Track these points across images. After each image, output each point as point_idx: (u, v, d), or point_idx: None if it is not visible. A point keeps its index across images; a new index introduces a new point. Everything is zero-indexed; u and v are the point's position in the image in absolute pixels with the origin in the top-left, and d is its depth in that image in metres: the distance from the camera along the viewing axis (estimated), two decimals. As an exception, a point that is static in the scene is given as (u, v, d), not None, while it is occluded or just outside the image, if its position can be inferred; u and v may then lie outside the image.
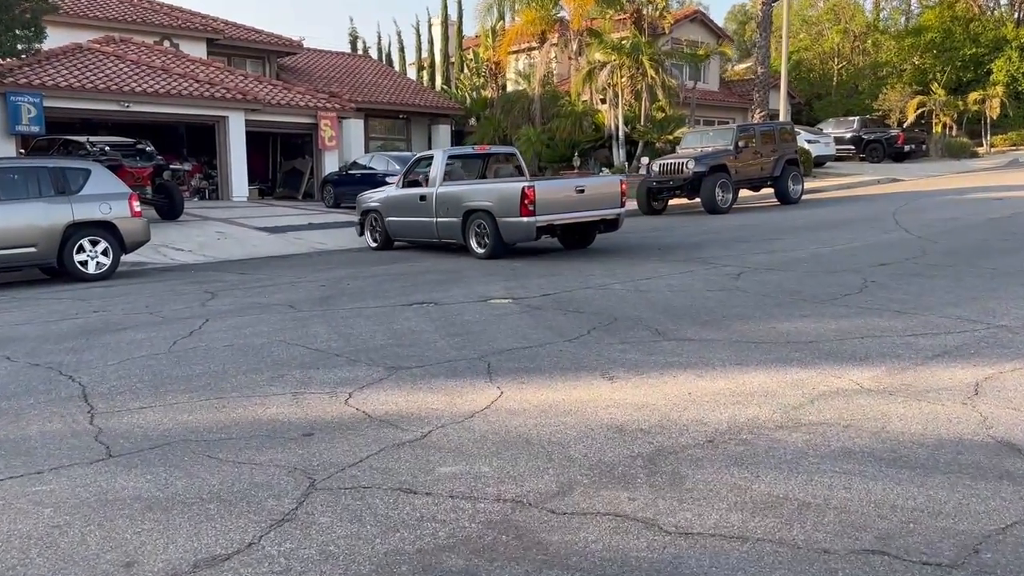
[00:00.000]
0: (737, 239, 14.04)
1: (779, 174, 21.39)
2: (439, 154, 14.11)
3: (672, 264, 11.20)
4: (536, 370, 5.83)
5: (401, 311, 8.41)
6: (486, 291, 9.48)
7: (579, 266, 11.46)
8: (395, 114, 33.09)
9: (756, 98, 32.81)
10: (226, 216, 19.83)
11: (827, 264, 10.58)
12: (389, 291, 9.85)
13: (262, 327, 7.78)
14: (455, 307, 8.51)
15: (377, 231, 15.36)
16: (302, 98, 26.47)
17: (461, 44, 42.11)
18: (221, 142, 24.32)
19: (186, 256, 15.10)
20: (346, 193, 22.30)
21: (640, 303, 8.33)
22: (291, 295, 9.85)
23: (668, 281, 9.70)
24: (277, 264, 13.89)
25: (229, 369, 6.18)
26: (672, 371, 5.68)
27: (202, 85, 23.92)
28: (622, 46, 29.21)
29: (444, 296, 9.25)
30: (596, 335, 6.91)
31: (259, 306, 9.09)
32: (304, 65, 34.28)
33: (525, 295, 9.07)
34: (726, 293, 8.73)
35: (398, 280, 10.87)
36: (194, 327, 7.92)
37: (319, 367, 6.14)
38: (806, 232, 14.48)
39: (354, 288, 10.25)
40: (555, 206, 12.48)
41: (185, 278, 12.19)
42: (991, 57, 45.25)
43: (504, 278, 10.55)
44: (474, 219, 12.99)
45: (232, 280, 11.67)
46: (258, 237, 17.21)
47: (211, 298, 9.86)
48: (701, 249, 12.85)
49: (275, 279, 11.59)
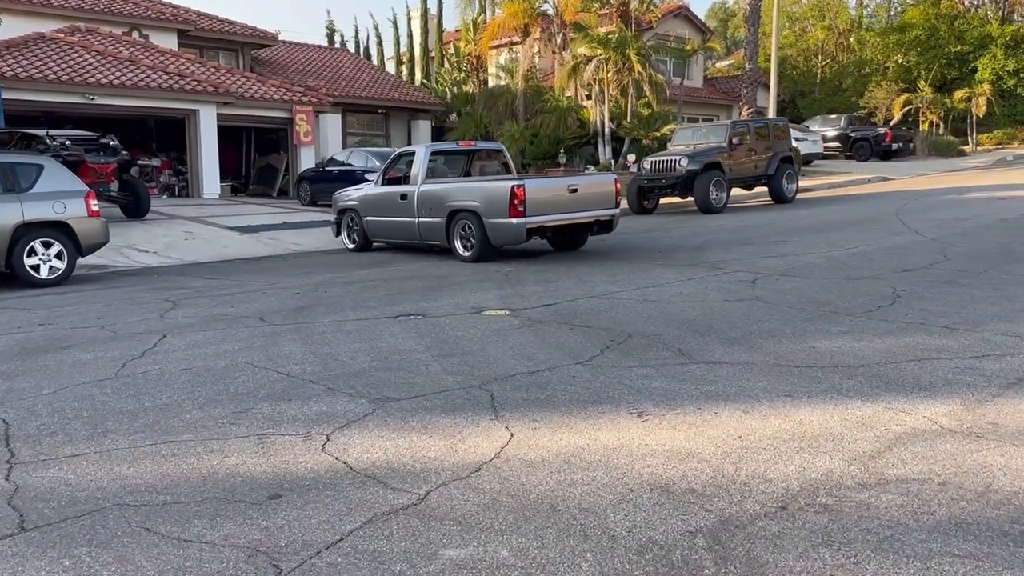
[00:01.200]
0: (739, 241, 13.21)
1: (773, 172, 20.61)
2: (421, 150, 13.17)
3: (678, 269, 10.34)
4: (549, 403, 4.93)
5: (385, 325, 7.48)
6: (479, 301, 8.57)
7: (577, 271, 10.57)
8: (374, 109, 32.09)
9: (744, 94, 32.06)
10: (195, 215, 18.78)
11: (846, 270, 9.76)
12: (371, 300, 8.91)
13: (226, 345, 6.83)
14: (446, 320, 7.59)
15: (355, 231, 14.39)
16: (277, 91, 25.41)
17: (441, 38, 41.09)
18: (191, 137, 23.21)
19: (150, 258, 14.07)
20: (323, 191, 21.27)
21: (653, 315, 7.45)
22: (262, 304, 8.89)
23: (678, 289, 8.83)
24: (248, 267, 12.90)
25: (184, 401, 5.23)
26: (710, 405, 4.80)
27: (171, 77, 22.80)
28: (608, 40, 28.35)
29: (432, 307, 8.33)
30: (611, 356, 6.02)
31: (225, 318, 8.13)
32: (279, 58, 33.18)
33: (523, 306, 8.17)
34: (746, 304, 7.87)
35: (380, 287, 9.94)
36: (149, 345, 6.95)
37: (291, 398, 5.20)
38: (811, 234, 13.69)
39: (332, 297, 9.30)
40: (546, 206, 11.59)
41: (147, 283, 11.18)
42: (976, 55, 44.84)
43: (497, 285, 9.64)
44: (459, 220, 12.07)
45: (197, 286, 10.67)
46: (229, 237, 16.20)
47: (172, 308, 8.88)
48: (704, 252, 12.01)
49: (245, 285, 10.61)
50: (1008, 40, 44.41)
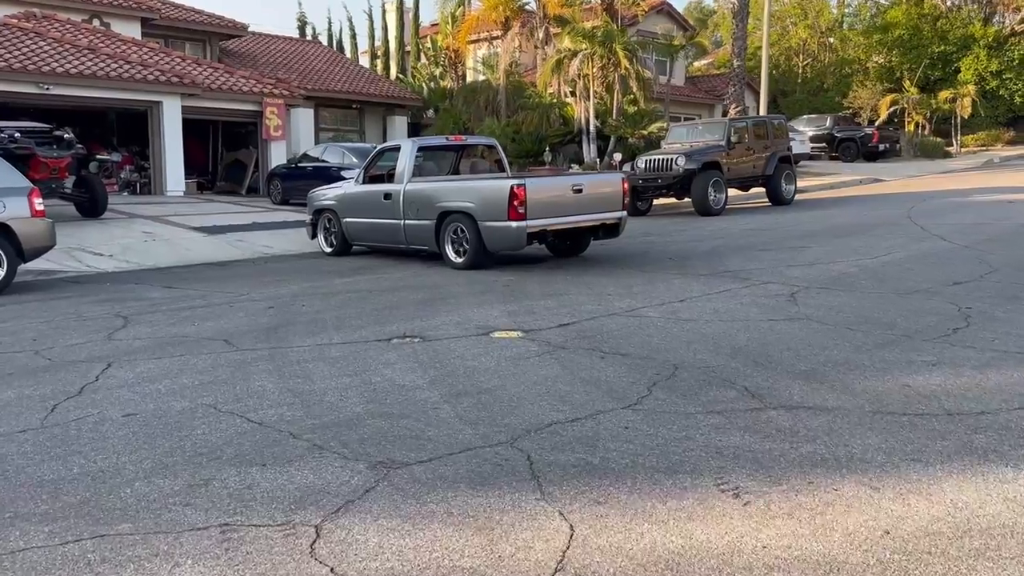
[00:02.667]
0: (753, 247, 12.14)
1: (772, 173, 19.61)
2: (408, 145, 11.94)
3: (699, 280, 9.22)
4: (607, 472, 3.76)
5: (378, 351, 6.26)
6: (483, 318, 7.38)
7: (585, 281, 9.41)
8: (348, 104, 30.72)
9: (731, 92, 31.18)
10: (157, 214, 17.38)
11: (889, 282, 8.69)
12: (357, 317, 7.68)
13: (184, 378, 5.57)
14: (449, 345, 6.39)
15: (333, 234, 13.13)
16: (246, 83, 24.00)
17: (418, 31, 39.78)
18: (154, 130, 21.74)
19: (105, 262, 12.71)
20: (296, 188, 19.94)
21: (695, 340, 6.31)
22: (228, 322, 7.62)
23: (710, 305, 7.71)
24: (214, 274, 11.61)
25: (126, 466, 4.00)
26: (823, 476, 3.66)
27: (134, 67, 21.33)
28: (594, 34, 27.22)
29: (430, 326, 7.12)
30: (663, 396, 4.87)
31: (184, 340, 6.86)
32: (249, 49, 31.73)
33: (536, 325, 6.99)
34: (798, 325, 6.76)
35: (366, 300, 8.70)
36: (89, 377, 5.67)
37: (266, 461, 3.99)
38: (828, 239, 12.64)
39: (311, 312, 8.06)
40: (549, 208, 10.42)
41: (97, 293, 9.85)
42: (959, 55, 44.39)
43: (499, 298, 8.45)
44: (451, 223, 10.87)
45: (155, 298, 9.36)
46: (192, 239, 14.85)
47: (122, 326, 7.58)
48: (721, 259, 10.90)
49: (209, 296, 9.32)
50: (991, 41, 44.00)
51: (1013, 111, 45.03)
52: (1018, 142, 43.34)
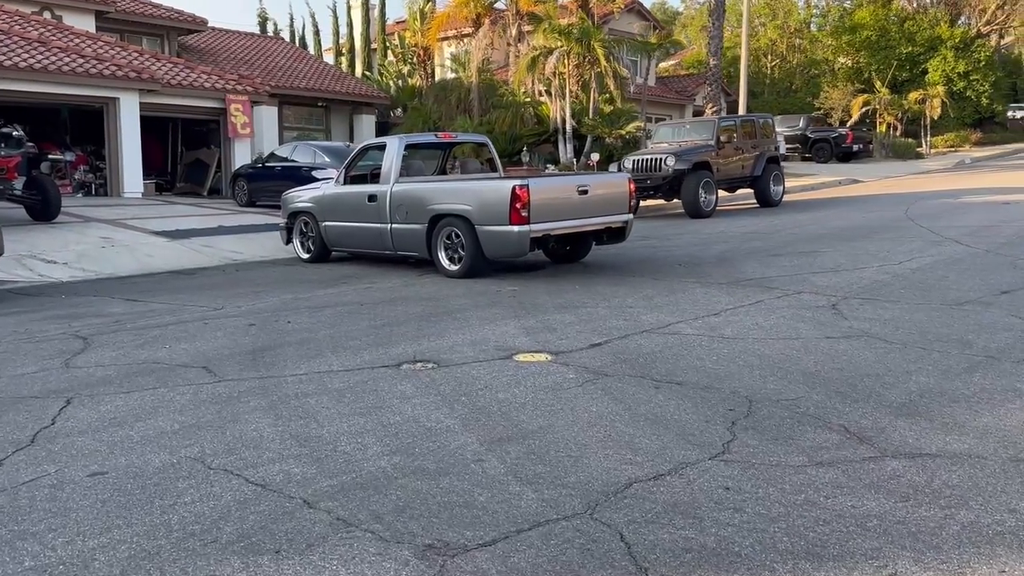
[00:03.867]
0: (762, 251, 11.39)
1: (760, 173, 18.98)
2: (394, 142, 10.98)
3: (722, 289, 8.41)
4: (733, 561, 2.90)
5: (388, 380, 5.34)
6: (500, 337, 6.49)
7: (600, 291, 8.55)
8: (313, 102, 29.60)
9: (709, 92, 30.61)
10: (115, 217, 16.21)
11: (932, 291, 7.96)
12: (353, 336, 6.74)
13: (162, 420, 4.61)
14: (470, 371, 5.49)
15: (310, 239, 12.13)
16: (208, 79, 22.80)
17: (384, 28, 38.69)
18: (111, 128, 20.48)
19: (59, 271, 11.59)
20: (263, 189, 18.86)
21: (754, 363, 5.48)
22: (206, 344, 6.63)
23: (750, 319, 6.90)
24: (181, 284, 10.56)
25: (94, 556, 3.04)
26: (1006, 554, 2.85)
27: (88, 61, 20.04)
28: (570, 31, 26.41)
29: (441, 347, 6.21)
30: (753, 443, 4.03)
31: (156, 368, 5.87)
32: (209, 45, 30.46)
33: (564, 345, 6.12)
34: (860, 344, 5.97)
35: (359, 315, 7.75)
36: (44, 420, 4.68)
37: (280, 547, 3.07)
38: (838, 242, 11.94)
39: (300, 330, 7.09)
40: (553, 211, 9.55)
41: (51, 308, 8.78)
42: (926, 56, 44.41)
43: (510, 312, 7.56)
44: (444, 227, 9.96)
45: (117, 313, 8.31)
46: (154, 244, 13.74)
47: (82, 349, 6.56)
48: (734, 265, 10.13)
49: (180, 311, 8.30)
50: (957, 42, 44.08)
51: (979, 112, 45.20)
52: (985, 143, 43.44)
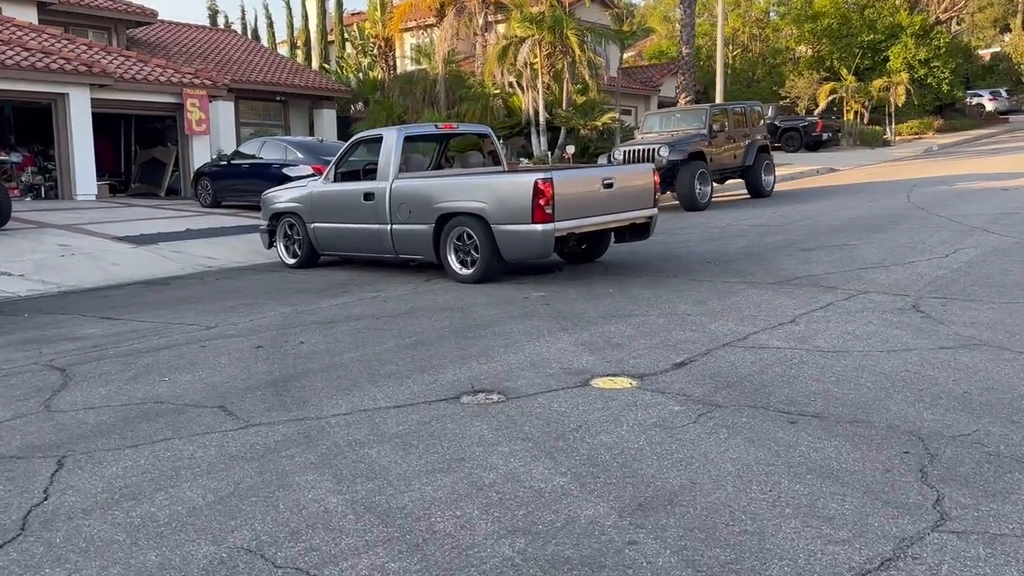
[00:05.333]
0: (788, 245, 10.59)
1: (751, 163, 18.28)
2: (392, 135, 9.94)
3: (777, 291, 7.56)
4: None
5: (453, 419, 4.37)
6: (559, 356, 5.54)
7: (642, 296, 7.64)
8: (271, 96, 28.28)
9: (682, 81, 29.92)
10: (71, 221, 14.90)
11: (1010, 287, 7.21)
12: (385, 358, 5.73)
13: (188, 489, 3.57)
14: (550, 404, 4.55)
15: (296, 242, 11.04)
16: (163, 73, 21.44)
17: (342, 19, 37.37)
18: (60, 126, 19.04)
19: (15, 284, 10.35)
20: (229, 189, 17.64)
21: (885, 385, 4.61)
22: (211, 373, 5.57)
23: (837, 327, 6.05)
24: (157, 296, 9.42)
25: None
26: None
27: (34, 54, 18.59)
28: (542, 19, 25.48)
29: (497, 371, 5.25)
30: (963, 497, 3.16)
31: (161, 408, 4.82)
32: (159, 38, 28.96)
33: (645, 366, 5.19)
34: (987, 355, 5.14)
35: (380, 332, 6.72)
36: (32, 495, 3.60)
37: None
38: (861, 233, 11.20)
39: (318, 352, 6.06)
40: (578, 207, 8.62)
41: (13, 330, 7.61)
42: (887, 44, 44.35)
43: (555, 324, 6.61)
44: (454, 227, 8.97)
45: (93, 335, 7.18)
46: (118, 251, 12.51)
47: (62, 384, 5.45)
48: (769, 262, 9.30)
49: (166, 330, 7.20)
50: (917, 29, 44.08)
51: (940, 99, 45.28)
52: (947, 130, 43.49)
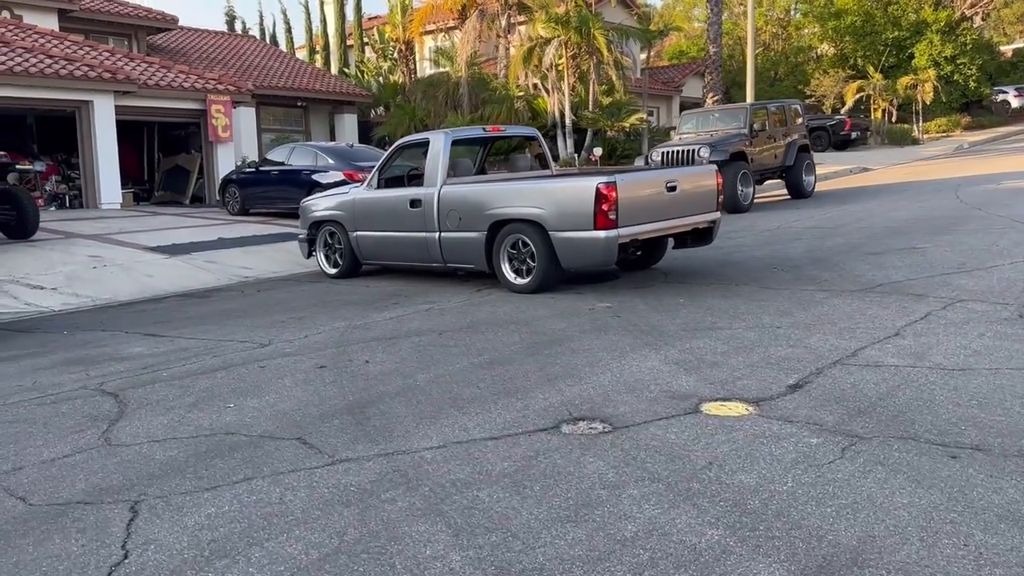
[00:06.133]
0: (852, 249, 10.06)
1: (792, 163, 17.78)
2: (439, 138, 9.50)
3: (867, 299, 7.07)
4: None
5: (561, 453, 3.92)
6: (654, 376, 5.07)
7: (714, 304, 7.16)
8: (292, 101, 27.94)
9: (709, 80, 29.44)
10: (98, 231, 14.55)
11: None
12: (462, 379, 5.28)
13: (286, 543, 3.12)
14: (664, 435, 4.08)
15: (337, 251, 10.62)
16: (187, 79, 21.12)
17: (361, 23, 37.03)
18: (84, 133, 18.73)
19: (49, 298, 9.98)
20: (258, 196, 17.26)
21: (1035, 410, 4.15)
22: (280, 399, 5.13)
23: (949, 341, 5.56)
24: (199, 310, 9.01)
25: None
26: None
27: (57, 61, 18.30)
28: (568, 20, 25.03)
29: (591, 394, 4.79)
30: None
31: (233, 441, 4.38)
32: (179, 45, 28.70)
33: (755, 389, 4.72)
34: None
35: (447, 347, 6.26)
36: (110, 552, 3.12)
37: None
38: (923, 236, 10.66)
39: (388, 373, 5.61)
40: (642, 212, 8.16)
41: (54, 348, 7.20)
42: (912, 41, 43.69)
43: (635, 338, 6.14)
44: (509, 234, 8.52)
45: (141, 354, 6.76)
46: (152, 262, 12.13)
47: (118, 413, 5.02)
48: (838, 267, 8.80)
49: (217, 348, 6.78)
50: (943, 26, 43.39)
51: (967, 96, 44.56)
52: (975, 127, 42.81)
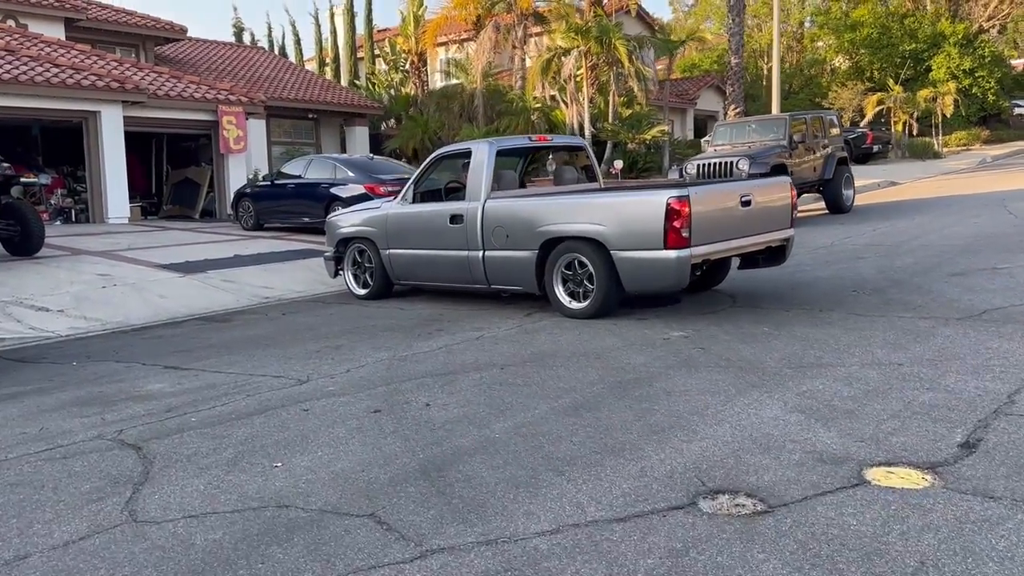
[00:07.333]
0: (926, 269, 9.24)
1: (831, 176, 16.99)
2: (483, 148, 8.69)
3: (981, 329, 6.23)
4: None
5: (712, 542, 3.08)
6: (784, 430, 4.24)
7: (806, 334, 6.33)
8: (302, 113, 27.21)
9: (731, 92, 28.67)
10: (107, 247, 13.76)
11: None
12: (545, 430, 4.46)
13: None
14: (832, 515, 3.25)
15: (368, 271, 9.81)
16: (197, 89, 20.38)
17: (371, 35, 36.37)
18: (91, 145, 17.96)
19: (56, 321, 9.16)
20: (274, 211, 16.47)
21: None
22: (335, 456, 4.29)
23: (1113, 383, 4.75)
24: (222, 336, 8.18)
25: None
26: None
27: (64, 71, 17.56)
28: (588, 30, 24.31)
29: (717, 454, 3.96)
30: None
31: (289, 519, 3.54)
32: (187, 55, 27.99)
33: (920, 449, 3.89)
34: None
35: (514, 386, 5.42)
36: None
37: None
38: (994, 253, 9.86)
39: (455, 420, 4.78)
40: (715, 229, 7.34)
41: (64, 384, 6.37)
42: (930, 53, 43.01)
43: (734, 375, 5.30)
44: (563, 253, 7.71)
45: (163, 391, 5.93)
46: (165, 281, 11.32)
47: (144, 476, 4.17)
48: (923, 290, 7.98)
49: (249, 385, 5.94)
50: (960, 39, 42.71)
51: (985, 109, 43.84)
52: (994, 140, 42.07)
